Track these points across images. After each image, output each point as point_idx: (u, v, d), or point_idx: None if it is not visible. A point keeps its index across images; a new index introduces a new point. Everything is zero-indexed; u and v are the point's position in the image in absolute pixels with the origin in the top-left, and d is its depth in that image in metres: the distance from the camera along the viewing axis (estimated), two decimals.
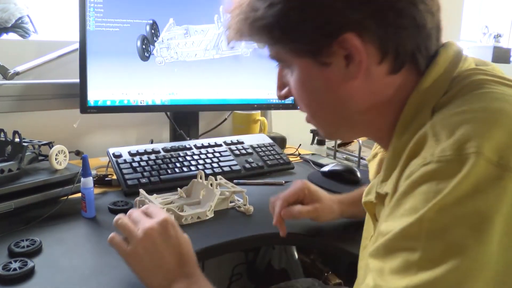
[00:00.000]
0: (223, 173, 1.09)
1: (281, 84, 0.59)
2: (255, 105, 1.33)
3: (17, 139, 0.88)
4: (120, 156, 1.08)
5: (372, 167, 0.65)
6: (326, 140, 1.50)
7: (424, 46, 0.50)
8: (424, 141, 0.44)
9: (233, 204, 0.94)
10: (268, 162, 1.19)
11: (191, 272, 0.61)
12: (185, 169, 1.08)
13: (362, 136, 0.60)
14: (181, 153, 1.13)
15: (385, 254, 0.43)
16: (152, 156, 1.10)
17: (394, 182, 0.48)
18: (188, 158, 1.12)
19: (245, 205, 0.92)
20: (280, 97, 0.60)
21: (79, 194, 0.86)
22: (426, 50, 0.50)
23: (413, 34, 0.49)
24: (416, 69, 0.51)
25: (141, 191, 0.89)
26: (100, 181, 1.04)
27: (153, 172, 1.04)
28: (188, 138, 1.28)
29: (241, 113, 1.48)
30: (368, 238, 0.64)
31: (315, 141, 1.50)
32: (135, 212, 0.65)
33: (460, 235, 0.38)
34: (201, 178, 0.94)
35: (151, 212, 0.65)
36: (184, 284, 0.59)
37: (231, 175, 1.10)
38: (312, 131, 1.51)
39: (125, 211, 0.67)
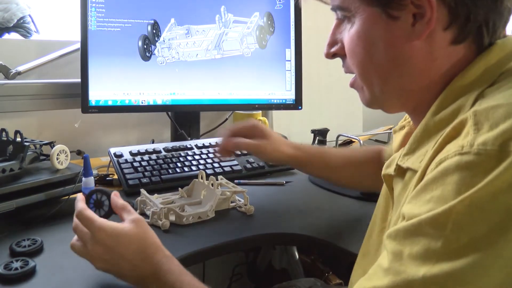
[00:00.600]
0: (224, 173, 1.09)
1: (333, 41, 0.57)
2: (256, 105, 1.33)
3: (18, 139, 0.88)
4: (121, 156, 1.08)
5: (397, 139, 0.64)
6: (327, 140, 1.50)
7: (493, 22, 0.49)
8: (462, 127, 0.43)
9: (234, 204, 0.94)
10: (269, 162, 1.19)
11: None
12: (186, 169, 1.08)
13: (401, 108, 0.57)
14: (182, 153, 1.13)
15: (405, 238, 0.42)
16: (153, 156, 1.10)
17: (424, 162, 0.47)
18: (189, 158, 1.12)
19: (246, 205, 0.92)
20: (328, 55, 0.58)
21: (81, 194, 0.86)
22: (493, 28, 0.49)
23: (488, 4, 0.48)
24: (476, 47, 0.50)
25: (142, 191, 0.89)
26: (101, 180, 1.04)
27: (154, 172, 1.04)
28: (189, 138, 1.28)
29: (242, 113, 1.48)
30: (379, 215, 0.63)
31: (316, 142, 1.50)
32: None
33: (487, 230, 0.38)
34: (202, 178, 0.94)
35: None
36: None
37: (232, 175, 1.10)
38: (313, 131, 1.51)
39: None
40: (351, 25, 0.53)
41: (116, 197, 0.67)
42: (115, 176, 1.05)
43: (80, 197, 0.67)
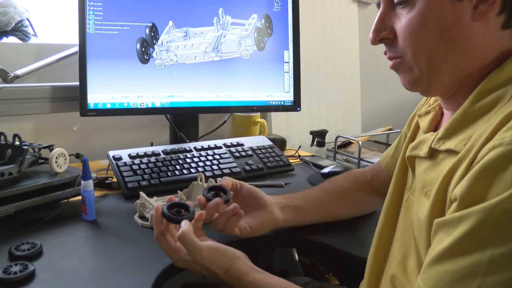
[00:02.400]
0: (223, 175, 1.09)
1: (382, 27, 0.59)
2: (255, 107, 1.33)
3: (17, 142, 0.88)
4: (120, 158, 1.08)
5: (424, 122, 0.67)
6: (326, 142, 1.50)
7: None
8: None
9: None
10: (268, 164, 1.19)
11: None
12: (185, 171, 1.08)
13: (447, 89, 0.59)
14: (181, 156, 1.13)
15: (471, 220, 0.44)
16: (152, 159, 1.10)
17: (468, 145, 0.51)
18: (188, 160, 1.12)
19: None
20: (375, 40, 0.60)
21: (80, 197, 0.86)
22: None
23: None
24: None
25: (142, 193, 0.89)
26: (100, 184, 1.04)
27: (153, 175, 1.04)
28: (188, 141, 1.28)
29: (240, 115, 1.48)
30: (398, 192, 0.67)
31: (315, 143, 1.50)
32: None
33: None
34: (201, 180, 0.94)
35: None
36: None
37: (231, 177, 1.09)
38: (312, 132, 1.51)
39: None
40: (411, 8, 0.55)
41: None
42: (114, 179, 1.05)
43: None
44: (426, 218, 0.54)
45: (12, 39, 1.24)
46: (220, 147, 1.21)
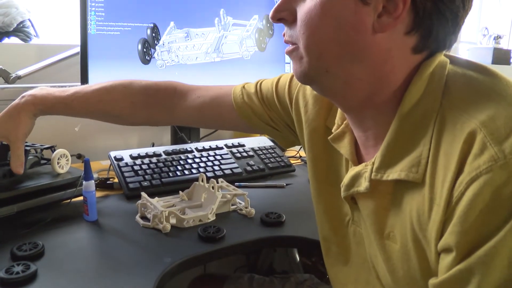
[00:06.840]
0: (224, 176, 1.09)
1: (284, 7, 0.53)
2: None
3: None
4: (121, 159, 1.08)
5: (345, 149, 0.60)
6: None
7: (449, 42, 0.51)
8: (473, 140, 0.43)
9: (234, 207, 0.94)
10: (269, 164, 1.19)
11: None
12: (186, 172, 1.08)
13: (339, 97, 0.55)
14: (182, 156, 1.13)
15: (481, 264, 0.41)
16: (154, 159, 1.10)
17: (421, 171, 0.47)
18: (190, 161, 1.12)
19: (246, 207, 0.92)
20: (274, 18, 0.54)
21: (81, 198, 0.86)
22: (449, 45, 0.51)
23: (447, 26, 0.49)
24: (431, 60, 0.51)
25: (143, 194, 0.89)
26: (102, 184, 1.04)
27: (155, 175, 1.04)
28: (189, 141, 1.28)
29: None
30: (341, 223, 0.63)
31: None
32: None
33: None
34: (202, 181, 0.94)
35: None
36: None
37: (232, 178, 1.10)
38: None
39: None
40: None
41: None
42: (116, 180, 1.05)
43: None
44: (419, 271, 0.49)
45: (13, 40, 1.25)
46: (221, 148, 1.22)
